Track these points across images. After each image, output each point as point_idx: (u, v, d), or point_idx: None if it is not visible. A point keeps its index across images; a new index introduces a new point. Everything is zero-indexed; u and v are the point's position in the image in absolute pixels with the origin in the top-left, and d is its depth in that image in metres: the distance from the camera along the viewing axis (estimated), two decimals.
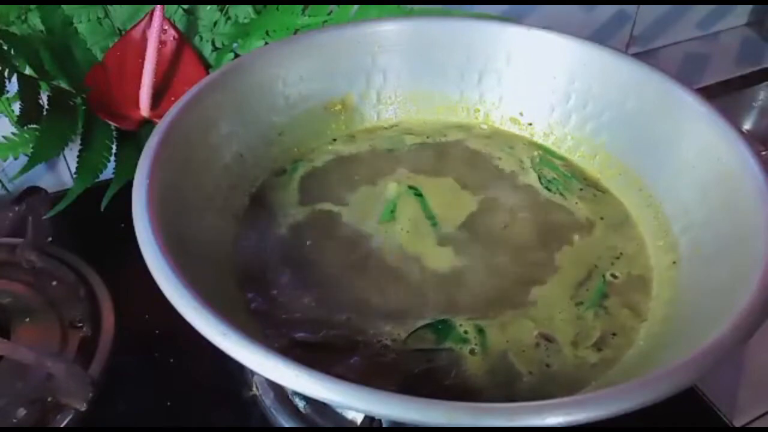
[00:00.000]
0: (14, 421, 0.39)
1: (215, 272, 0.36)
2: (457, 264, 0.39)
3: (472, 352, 0.34)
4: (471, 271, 0.39)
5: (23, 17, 0.50)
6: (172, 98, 0.52)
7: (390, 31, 0.47)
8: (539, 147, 0.48)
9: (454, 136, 0.48)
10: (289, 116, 0.45)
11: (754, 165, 0.35)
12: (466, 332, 0.35)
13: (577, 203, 0.44)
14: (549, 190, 0.44)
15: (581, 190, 0.45)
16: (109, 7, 0.52)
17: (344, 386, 0.24)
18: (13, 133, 0.49)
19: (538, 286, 0.38)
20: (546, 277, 0.39)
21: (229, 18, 0.54)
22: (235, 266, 0.38)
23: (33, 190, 0.54)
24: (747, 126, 0.80)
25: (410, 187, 0.44)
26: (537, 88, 0.47)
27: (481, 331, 0.35)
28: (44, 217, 0.49)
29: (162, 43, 0.51)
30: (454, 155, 0.47)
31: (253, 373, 0.41)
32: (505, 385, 0.33)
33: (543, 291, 0.38)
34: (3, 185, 0.55)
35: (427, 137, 0.48)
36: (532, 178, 0.45)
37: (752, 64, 0.81)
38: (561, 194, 0.44)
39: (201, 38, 0.54)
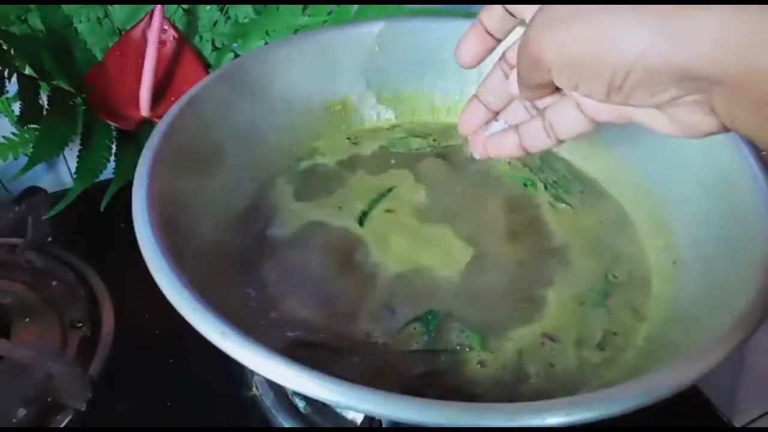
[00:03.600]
0: (14, 421, 0.39)
1: (215, 272, 0.36)
2: (462, 268, 0.39)
3: (481, 363, 0.34)
4: (476, 275, 0.39)
5: (23, 17, 0.50)
6: (172, 98, 0.52)
7: (390, 31, 0.47)
8: None
9: (454, 140, 0.48)
10: (288, 116, 0.45)
11: (754, 165, 0.35)
12: (472, 345, 0.35)
13: (578, 206, 0.44)
14: (552, 195, 0.44)
15: (582, 192, 0.45)
16: (108, 7, 0.52)
17: (345, 386, 0.24)
18: (13, 133, 0.49)
19: (543, 288, 0.38)
20: (550, 279, 0.39)
21: (228, 18, 0.54)
22: (235, 266, 0.38)
23: (33, 190, 0.54)
24: None
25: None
26: None
27: (487, 337, 0.35)
28: (44, 217, 0.49)
29: (162, 42, 0.51)
30: (456, 159, 0.47)
31: (253, 373, 0.41)
32: (509, 385, 0.33)
33: (547, 292, 0.38)
34: (3, 185, 0.55)
35: (428, 139, 0.48)
36: (533, 182, 0.45)
37: None
38: (563, 198, 0.44)
39: (201, 38, 0.54)
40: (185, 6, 0.53)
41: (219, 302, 0.28)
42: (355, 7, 0.54)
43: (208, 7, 0.53)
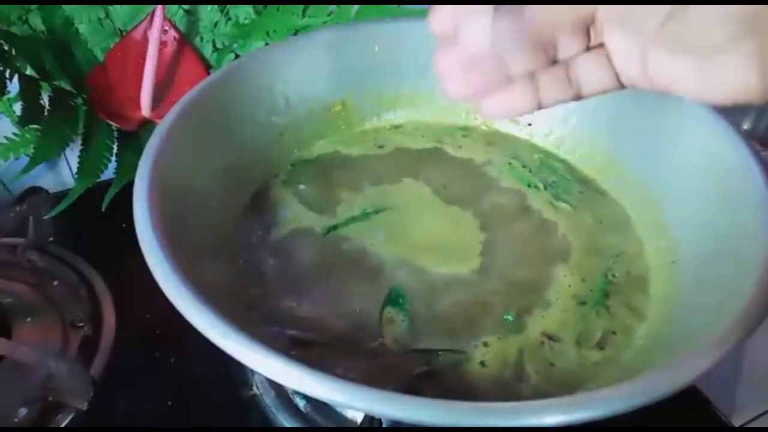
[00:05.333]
0: (15, 420, 0.39)
1: (216, 272, 0.36)
2: (462, 268, 0.39)
3: (482, 362, 0.34)
4: (475, 275, 0.39)
5: (24, 18, 0.50)
6: (173, 99, 0.52)
7: (390, 31, 0.47)
8: (539, 150, 0.48)
9: (454, 140, 0.48)
10: (289, 117, 0.46)
11: (753, 165, 0.35)
12: (478, 345, 0.35)
13: (578, 206, 0.44)
14: (551, 194, 0.44)
15: (581, 193, 0.45)
16: (110, 7, 0.52)
17: (345, 386, 0.25)
18: (14, 134, 0.50)
19: (544, 288, 0.38)
20: (550, 278, 0.39)
21: (229, 19, 0.54)
22: (235, 266, 0.38)
23: (34, 191, 0.54)
24: (746, 126, 0.80)
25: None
26: None
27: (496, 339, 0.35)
28: (45, 217, 0.49)
29: (163, 43, 0.52)
30: (457, 160, 0.47)
31: (253, 372, 0.41)
32: (509, 385, 0.33)
33: (548, 292, 0.38)
34: (4, 185, 0.55)
35: (429, 139, 0.48)
36: (534, 183, 0.45)
37: None
38: (562, 198, 0.44)
39: (201, 39, 0.54)
40: (186, 7, 0.53)
41: (219, 302, 0.28)
42: (355, 7, 0.54)
43: (208, 7, 0.54)
